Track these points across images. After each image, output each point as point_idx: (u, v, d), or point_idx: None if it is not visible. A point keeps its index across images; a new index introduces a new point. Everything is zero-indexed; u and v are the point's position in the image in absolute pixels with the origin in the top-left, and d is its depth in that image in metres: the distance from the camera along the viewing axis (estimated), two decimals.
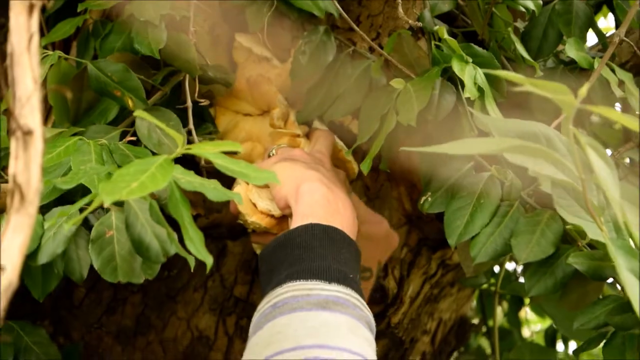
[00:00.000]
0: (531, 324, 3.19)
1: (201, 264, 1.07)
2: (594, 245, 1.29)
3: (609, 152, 1.34)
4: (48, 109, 1.47)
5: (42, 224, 1.20)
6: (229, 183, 1.11)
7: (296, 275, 1.17)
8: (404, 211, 1.68)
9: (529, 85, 1.03)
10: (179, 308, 1.68)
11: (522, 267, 1.38)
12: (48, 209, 1.22)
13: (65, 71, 1.46)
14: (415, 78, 1.46)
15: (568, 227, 1.33)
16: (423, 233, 1.65)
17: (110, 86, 1.43)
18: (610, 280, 1.36)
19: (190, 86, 1.50)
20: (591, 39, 1.92)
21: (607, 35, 1.92)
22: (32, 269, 1.22)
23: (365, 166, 1.42)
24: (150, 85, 1.50)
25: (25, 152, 0.57)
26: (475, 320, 2.50)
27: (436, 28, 1.49)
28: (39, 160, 0.56)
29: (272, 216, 1.36)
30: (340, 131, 1.60)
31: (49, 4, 1.50)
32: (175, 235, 1.18)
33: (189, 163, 1.18)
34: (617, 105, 1.73)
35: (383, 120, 1.43)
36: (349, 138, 1.56)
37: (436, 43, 1.49)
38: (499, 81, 1.45)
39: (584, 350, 1.87)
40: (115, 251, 1.22)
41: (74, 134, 1.33)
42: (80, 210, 1.14)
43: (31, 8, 0.59)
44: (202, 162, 1.43)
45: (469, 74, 1.38)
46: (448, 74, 1.43)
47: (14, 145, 0.57)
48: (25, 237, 0.55)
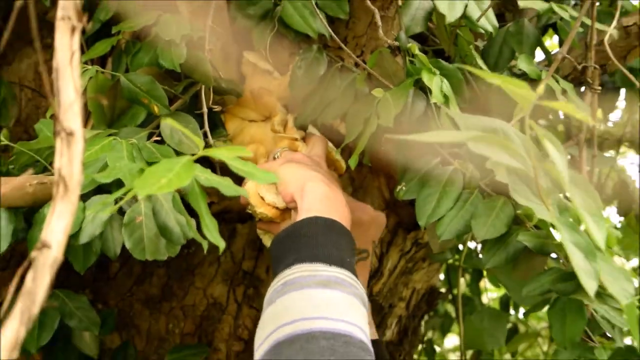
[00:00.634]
0: (489, 292, 3.20)
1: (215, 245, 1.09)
2: (539, 226, 1.31)
3: None
4: (87, 114, 1.47)
5: (83, 210, 1.21)
6: (238, 178, 1.12)
7: (303, 259, 1.19)
8: (383, 198, 1.68)
9: (497, 80, 1.04)
10: (196, 279, 1.68)
11: (481, 244, 1.39)
12: (87, 197, 1.23)
13: (101, 83, 1.46)
14: (392, 88, 1.46)
15: (518, 212, 1.35)
16: (399, 217, 1.66)
17: (140, 95, 1.44)
18: (554, 255, 1.37)
19: (205, 95, 1.50)
20: (539, 55, 1.94)
21: (553, 52, 1.93)
22: (75, 247, 1.22)
23: (353, 161, 1.43)
24: (173, 94, 1.50)
25: (68, 150, 0.57)
26: (442, 289, 2.51)
27: (410, 46, 1.50)
28: (79, 156, 0.57)
29: (277, 208, 1.37)
30: (330, 132, 1.60)
31: (88, 26, 1.50)
32: (193, 222, 1.21)
33: (205, 159, 1.19)
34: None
35: (366, 123, 1.43)
36: (338, 138, 1.56)
37: (410, 58, 1.49)
38: (462, 89, 1.45)
39: (531, 313, 1.87)
40: (144, 234, 1.23)
41: (109, 135, 1.33)
42: (115, 201, 1.16)
43: (73, 30, 0.60)
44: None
45: (436, 84, 1.39)
46: (420, 84, 1.44)
47: (59, 144, 0.58)
48: (68, 221, 0.55)
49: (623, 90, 2.38)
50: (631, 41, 1.87)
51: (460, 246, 2.07)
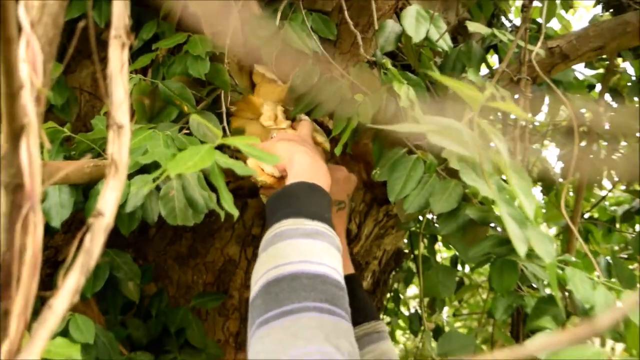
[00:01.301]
0: (442, 253, 3.20)
1: (230, 214, 1.10)
2: (483, 202, 1.31)
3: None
4: (132, 112, 1.47)
5: (129, 186, 1.21)
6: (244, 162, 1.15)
7: (290, 215, 1.20)
8: (362, 179, 1.68)
9: (453, 83, 1.04)
10: (216, 241, 1.68)
11: (437, 216, 1.39)
12: (132, 176, 1.23)
13: (144, 87, 1.46)
14: (370, 94, 1.46)
15: (467, 191, 1.35)
16: (374, 194, 1.65)
17: (173, 97, 1.44)
18: (493, 225, 1.37)
19: (224, 98, 1.51)
20: (484, 70, 1.94)
21: (494, 67, 1.93)
22: (122, 215, 1.23)
23: (338, 150, 1.43)
24: (199, 97, 1.50)
25: (118, 139, 0.57)
26: (406, 250, 2.51)
27: (384, 61, 1.50)
28: (127, 144, 0.56)
29: (274, 176, 1.38)
30: (321, 127, 1.61)
31: (134, 43, 1.50)
32: (214, 196, 1.22)
33: (223, 148, 1.20)
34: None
35: (349, 121, 1.43)
36: (326, 131, 1.56)
37: (384, 71, 1.49)
38: (424, 96, 1.45)
39: (475, 269, 1.87)
40: (176, 205, 1.23)
41: (149, 128, 1.33)
42: (153, 179, 1.16)
43: (123, 46, 0.59)
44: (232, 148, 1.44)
45: (404, 91, 1.39)
46: (391, 91, 1.44)
47: (111, 135, 0.57)
48: (118, 194, 0.55)
49: (547, 98, 2.38)
50: (554, 59, 1.88)
51: (421, 217, 2.07)
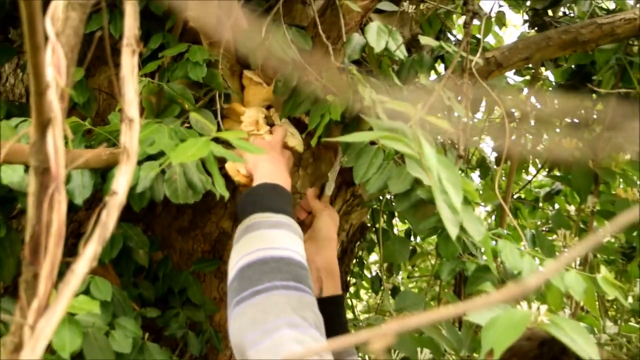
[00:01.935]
0: (398, 226, 3.20)
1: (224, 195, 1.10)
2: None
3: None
4: (142, 109, 1.46)
5: (139, 171, 1.20)
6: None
7: (257, 210, 1.22)
8: (333, 165, 1.67)
9: (394, 105, 1.05)
10: (212, 216, 1.67)
11: (394, 196, 1.39)
12: (141, 162, 1.22)
13: (151, 88, 1.44)
14: (339, 95, 1.46)
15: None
16: (343, 177, 1.65)
17: (176, 97, 1.43)
18: None
19: (219, 98, 1.50)
20: (433, 76, 1.94)
21: (441, 74, 1.93)
22: (133, 194, 1.22)
23: (314, 141, 1.43)
24: (197, 97, 1.50)
25: (130, 131, 0.56)
26: (369, 224, 2.51)
27: (350, 68, 1.49)
28: (137, 135, 0.56)
29: (248, 177, 1.39)
30: (298, 122, 1.60)
31: (144, 51, 1.49)
32: (209, 179, 1.22)
33: (217, 140, 1.19)
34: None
35: (322, 117, 1.43)
36: (303, 126, 1.56)
37: (351, 76, 1.49)
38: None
39: (425, 239, 1.87)
40: (178, 186, 1.22)
41: (156, 122, 1.32)
42: (159, 165, 1.15)
43: (133, 53, 0.59)
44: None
45: (367, 93, 1.38)
46: (356, 92, 1.44)
47: (124, 127, 0.56)
48: (129, 177, 0.54)
49: (484, 99, 2.39)
50: (490, 67, 1.88)
51: (381, 197, 2.07)
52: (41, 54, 0.50)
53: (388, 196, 2.17)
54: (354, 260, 2.75)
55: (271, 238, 1.16)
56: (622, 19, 1.93)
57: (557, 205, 3.02)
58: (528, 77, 2.49)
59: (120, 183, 0.53)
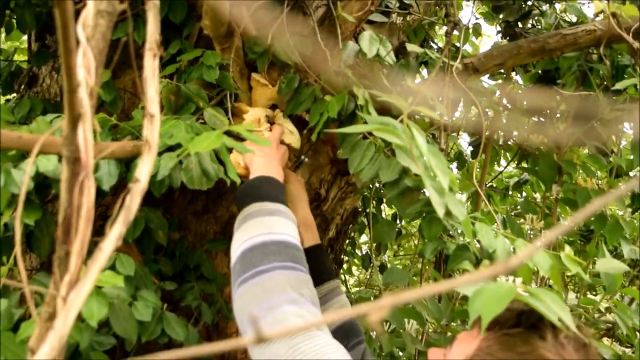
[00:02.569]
0: (386, 211, 3.20)
1: (234, 182, 1.09)
2: (417, 174, 1.30)
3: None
4: (162, 106, 1.45)
5: (159, 161, 1.19)
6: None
7: (255, 200, 1.22)
8: (330, 157, 1.66)
9: (387, 98, 1.04)
10: (223, 201, 1.66)
11: (383, 184, 1.39)
12: (161, 153, 1.21)
13: (170, 88, 1.43)
14: (336, 95, 1.45)
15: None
16: (338, 168, 1.64)
17: (192, 96, 1.42)
18: (424, 191, 1.37)
19: (230, 97, 1.49)
20: (418, 79, 1.92)
21: (426, 77, 1.92)
22: (154, 181, 1.21)
23: (314, 136, 1.43)
24: (211, 96, 1.49)
25: (151, 125, 0.55)
26: (360, 209, 2.50)
27: (346, 71, 1.49)
28: (157, 129, 0.55)
29: (246, 169, 1.38)
30: (300, 119, 1.60)
31: (164, 55, 1.48)
32: (222, 167, 1.20)
33: (229, 133, 1.19)
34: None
35: (321, 115, 1.42)
36: (304, 122, 1.56)
37: (346, 77, 1.48)
38: (374, 98, 1.44)
39: (410, 222, 1.86)
40: (194, 174, 1.21)
41: (175, 118, 1.31)
42: (177, 155, 1.15)
43: (154, 56, 0.58)
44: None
45: (361, 93, 1.38)
46: (351, 93, 1.43)
47: (146, 122, 0.55)
48: (150, 166, 0.54)
49: (462, 100, 2.38)
50: (468, 72, 1.87)
51: (371, 185, 2.07)
52: (73, 56, 0.51)
53: (377, 184, 2.16)
54: (347, 241, 2.75)
55: (269, 224, 1.16)
56: (584, 30, 1.93)
57: (525, 193, 3.02)
58: (500, 81, 2.48)
59: (143, 171, 0.53)
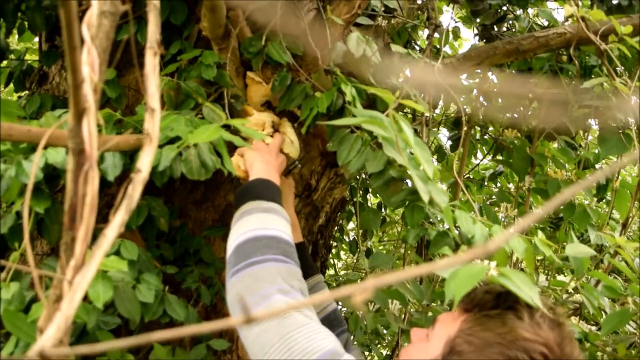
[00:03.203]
0: (372, 200, 3.20)
1: (230, 173, 1.08)
2: (401, 165, 1.30)
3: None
4: (163, 102, 1.44)
5: (160, 152, 1.18)
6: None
7: (251, 199, 1.23)
8: (320, 150, 1.66)
9: (375, 92, 1.03)
10: (220, 191, 1.65)
11: (369, 175, 1.38)
12: (162, 146, 1.20)
13: (171, 85, 1.42)
14: (325, 92, 1.44)
15: (390, 158, 1.34)
16: (328, 160, 1.64)
17: (191, 93, 1.41)
18: (407, 181, 1.37)
19: (226, 94, 1.48)
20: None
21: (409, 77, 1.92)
22: (156, 172, 1.19)
23: (304, 130, 1.42)
24: (209, 93, 1.48)
25: (152, 119, 0.54)
26: (348, 198, 2.50)
27: (335, 69, 1.48)
28: (158, 122, 0.54)
29: (245, 173, 1.38)
30: (292, 114, 1.59)
31: (164, 52, 1.48)
32: (219, 159, 1.19)
33: (227, 127, 1.18)
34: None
35: (312, 110, 1.42)
36: (296, 117, 1.55)
37: (335, 76, 1.48)
38: (362, 94, 1.43)
39: (394, 210, 1.85)
40: (193, 165, 1.20)
41: (175, 113, 1.30)
42: (177, 147, 1.14)
43: (155, 54, 0.57)
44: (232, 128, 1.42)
45: (349, 90, 1.37)
46: (340, 90, 1.43)
47: (147, 116, 0.55)
48: (151, 157, 0.53)
49: (442, 97, 2.38)
50: (449, 70, 1.86)
51: (358, 176, 2.07)
52: (78, 53, 0.51)
53: (364, 175, 2.16)
54: (336, 227, 2.75)
55: (263, 220, 1.17)
56: (555, 33, 1.93)
57: (500, 184, 3.03)
58: (477, 80, 2.48)
59: (144, 162, 0.52)
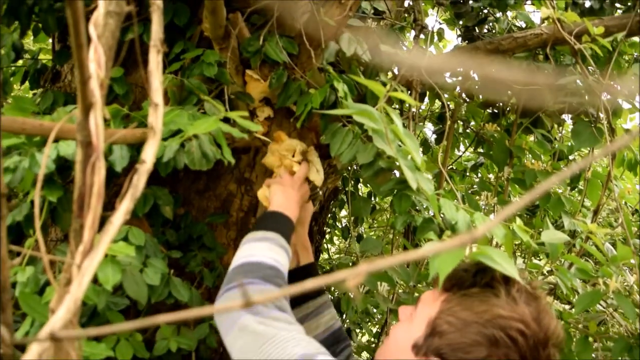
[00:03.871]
0: (363, 189, 3.20)
1: (230, 163, 1.07)
2: (390, 157, 1.29)
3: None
4: (167, 98, 1.43)
5: (164, 145, 1.17)
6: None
7: (254, 229, 1.24)
8: (314, 143, 1.64)
9: (367, 82, 1.03)
10: (221, 181, 1.64)
11: (360, 166, 1.38)
12: (166, 138, 1.19)
13: (175, 82, 1.41)
14: (319, 88, 1.43)
15: (379, 150, 1.33)
16: (321, 152, 1.62)
17: (194, 89, 1.40)
18: (395, 172, 1.36)
19: (227, 90, 1.48)
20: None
21: (397, 74, 1.90)
22: (160, 162, 1.18)
23: (299, 124, 1.42)
24: (210, 89, 1.47)
25: (155, 113, 0.53)
26: (340, 187, 2.49)
27: (327, 67, 1.47)
28: (161, 116, 0.53)
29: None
30: (288, 110, 1.58)
31: (167, 50, 1.47)
32: (219, 150, 1.18)
33: (227, 121, 1.17)
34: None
35: (306, 105, 1.41)
36: (292, 112, 1.55)
37: (328, 73, 1.46)
38: (353, 90, 1.43)
39: (385, 198, 1.84)
40: (195, 156, 1.19)
41: (179, 109, 1.29)
42: (180, 139, 1.13)
43: (158, 52, 0.56)
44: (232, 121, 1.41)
45: (341, 87, 1.37)
46: (332, 87, 1.42)
47: (151, 111, 0.54)
48: (155, 149, 0.52)
49: (427, 93, 2.38)
50: (434, 69, 1.85)
51: (349, 167, 2.06)
52: (84, 51, 0.51)
53: (355, 166, 2.15)
54: (329, 215, 2.74)
55: (252, 248, 1.17)
56: (532, 34, 1.92)
57: (481, 174, 3.03)
58: (460, 78, 2.47)
59: (148, 154, 0.51)
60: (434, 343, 0.93)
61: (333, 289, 2.69)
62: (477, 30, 2.50)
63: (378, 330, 3.11)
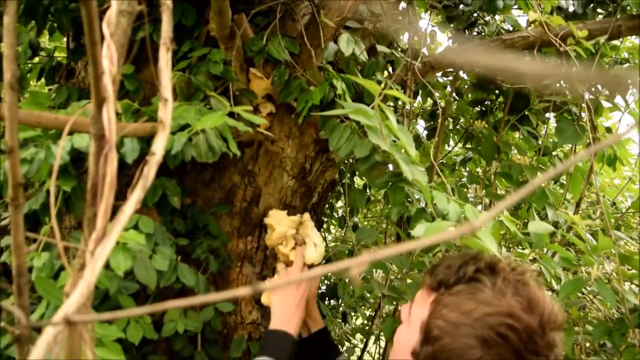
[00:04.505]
0: (359, 182, 3.18)
1: (235, 155, 1.06)
2: (385, 151, 1.28)
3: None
4: (176, 94, 1.42)
5: (173, 138, 1.16)
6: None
7: (261, 353, 1.25)
8: (313, 138, 1.63)
9: (363, 82, 1.01)
10: (226, 173, 1.63)
11: (356, 160, 1.37)
12: (174, 132, 1.18)
13: (183, 79, 1.40)
14: (319, 85, 1.42)
15: (375, 145, 1.32)
16: (320, 146, 1.62)
17: (200, 86, 1.39)
18: (390, 165, 1.35)
19: (231, 87, 1.47)
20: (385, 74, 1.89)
21: (392, 73, 1.89)
22: (169, 155, 1.17)
23: (300, 120, 1.40)
24: (216, 86, 1.46)
25: (165, 108, 0.53)
26: (338, 180, 2.48)
27: (327, 66, 1.46)
28: (170, 111, 0.52)
29: None
30: (289, 106, 1.57)
31: (175, 48, 1.46)
32: (225, 144, 1.17)
33: (232, 116, 1.16)
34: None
35: (307, 102, 1.40)
36: (293, 109, 1.54)
37: (327, 72, 1.45)
38: (351, 88, 1.42)
39: (379, 190, 1.84)
40: (201, 149, 1.18)
41: (186, 104, 1.28)
42: (188, 133, 1.11)
43: (168, 49, 0.55)
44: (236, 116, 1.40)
45: (339, 85, 1.36)
46: (331, 84, 1.40)
47: (161, 106, 0.53)
48: (164, 142, 0.51)
49: (420, 91, 2.37)
50: (426, 69, 1.84)
51: (346, 161, 2.05)
52: (98, 48, 0.50)
53: (352, 160, 2.14)
54: (327, 205, 2.74)
55: None
56: (520, 36, 1.91)
57: (469, 168, 3.02)
58: (451, 78, 2.46)
59: (158, 146, 0.51)
60: (429, 350, 0.88)
61: (330, 275, 2.69)
62: (468, 32, 2.49)
63: (371, 313, 3.11)
